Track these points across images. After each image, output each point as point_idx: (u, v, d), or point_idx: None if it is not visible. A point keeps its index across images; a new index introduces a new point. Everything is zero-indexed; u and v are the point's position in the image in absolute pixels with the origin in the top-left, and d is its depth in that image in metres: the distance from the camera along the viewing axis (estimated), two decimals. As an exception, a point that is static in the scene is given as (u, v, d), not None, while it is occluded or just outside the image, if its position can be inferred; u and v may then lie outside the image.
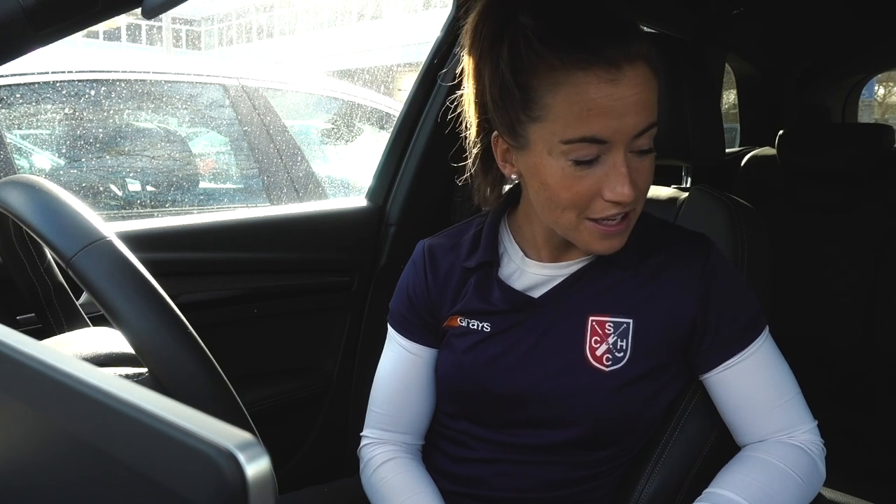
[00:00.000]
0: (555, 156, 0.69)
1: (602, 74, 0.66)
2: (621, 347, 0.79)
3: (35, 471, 0.34)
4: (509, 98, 0.70)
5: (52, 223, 0.62)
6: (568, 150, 0.68)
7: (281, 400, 1.32)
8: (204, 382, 0.60)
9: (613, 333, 0.79)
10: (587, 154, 0.68)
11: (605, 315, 0.80)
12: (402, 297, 0.89)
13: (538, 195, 0.74)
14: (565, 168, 0.69)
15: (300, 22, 22.04)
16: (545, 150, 0.70)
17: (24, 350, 0.32)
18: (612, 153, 0.69)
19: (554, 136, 0.68)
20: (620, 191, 0.69)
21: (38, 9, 0.61)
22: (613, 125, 0.67)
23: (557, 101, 0.67)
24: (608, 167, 0.69)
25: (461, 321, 0.84)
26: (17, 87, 1.65)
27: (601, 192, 0.70)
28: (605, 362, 0.78)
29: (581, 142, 0.67)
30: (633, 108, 0.67)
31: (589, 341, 0.79)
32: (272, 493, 0.25)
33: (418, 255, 0.90)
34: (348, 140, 2.70)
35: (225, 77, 2.11)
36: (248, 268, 1.28)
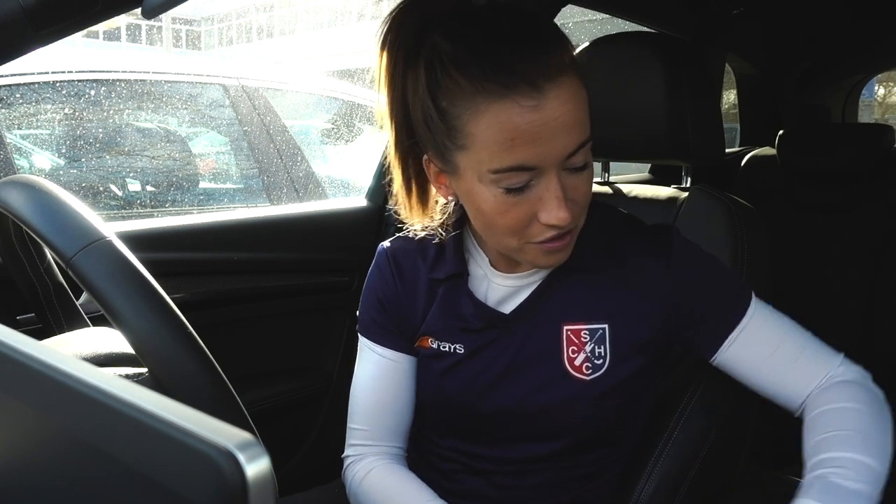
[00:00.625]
0: (485, 183, 0.66)
1: (523, 101, 0.62)
2: (600, 354, 0.77)
3: (35, 471, 0.34)
4: (432, 123, 0.67)
5: (52, 223, 0.62)
6: (497, 178, 0.65)
7: (281, 400, 1.32)
8: (204, 382, 0.60)
9: (590, 341, 0.77)
10: (518, 182, 0.65)
11: (580, 322, 0.78)
12: (372, 302, 0.85)
13: (476, 220, 0.72)
14: (497, 196, 0.66)
15: (300, 22, 22.03)
16: (475, 177, 0.67)
17: (24, 350, 0.32)
18: (544, 177, 0.66)
19: (482, 165, 0.65)
20: (556, 214, 0.66)
21: (38, 9, 0.61)
22: (542, 152, 0.64)
23: (480, 130, 0.64)
24: (542, 191, 0.66)
25: (432, 343, 0.82)
26: (17, 87, 1.65)
27: (537, 216, 0.67)
28: (586, 371, 0.77)
29: (510, 171, 0.64)
30: (560, 131, 0.63)
31: (566, 351, 0.77)
32: (272, 493, 0.25)
33: (382, 260, 0.86)
34: (348, 140, 2.70)
35: (225, 77, 2.11)
36: (248, 268, 1.28)
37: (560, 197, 0.66)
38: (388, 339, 0.84)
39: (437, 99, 0.66)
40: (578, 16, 2.35)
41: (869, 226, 1.79)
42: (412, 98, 0.68)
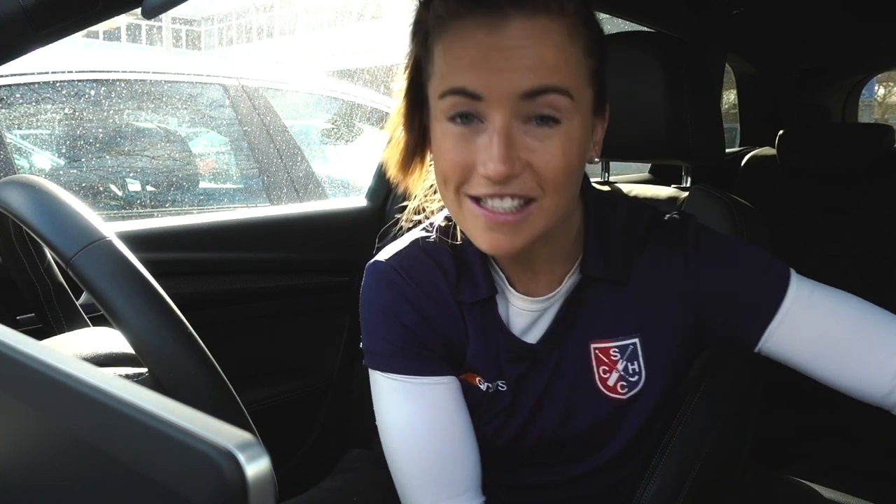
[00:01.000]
0: (438, 117, 0.61)
1: (480, 20, 0.57)
2: (634, 371, 0.71)
3: (35, 471, 0.34)
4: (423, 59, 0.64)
5: (52, 223, 0.62)
6: (443, 106, 0.60)
7: (281, 400, 1.32)
8: (204, 382, 0.60)
9: (622, 358, 0.70)
10: (460, 107, 0.59)
11: (607, 339, 0.70)
12: (393, 328, 0.70)
13: (437, 169, 0.65)
14: (445, 130, 0.60)
15: (300, 22, 22.03)
16: (434, 112, 0.62)
17: (24, 350, 0.32)
18: (489, 116, 0.58)
19: (434, 91, 0.61)
20: (491, 165, 0.57)
21: (38, 9, 0.61)
22: (487, 78, 0.57)
23: (438, 52, 0.60)
24: (486, 134, 0.59)
25: (481, 383, 0.72)
26: (17, 87, 1.65)
27: (476, 163, 0.59)
28: (621, 390, 0.71)
29: (452, 94, 0.59)
30: (515, 62, 0.56)
31: (597, 371, 0.71)
32: (272, 493, 0.25)
33: (392, 276, 0.72)
34: (348, 140, 2.70)
35: (225, 77, 2.11)
36: (248, 268, 1.28)
37: (501, 143, 0.57)
38: (425, 364, 0.70)
39: (427, 32, 0.63)
40: (578, 16, 2.35)
41: (869, 226, 1.79)
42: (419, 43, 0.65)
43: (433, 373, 0.70)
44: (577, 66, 0.60)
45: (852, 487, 1.22)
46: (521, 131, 0.58)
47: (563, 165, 0.59)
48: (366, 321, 0.73)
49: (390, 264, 0.73)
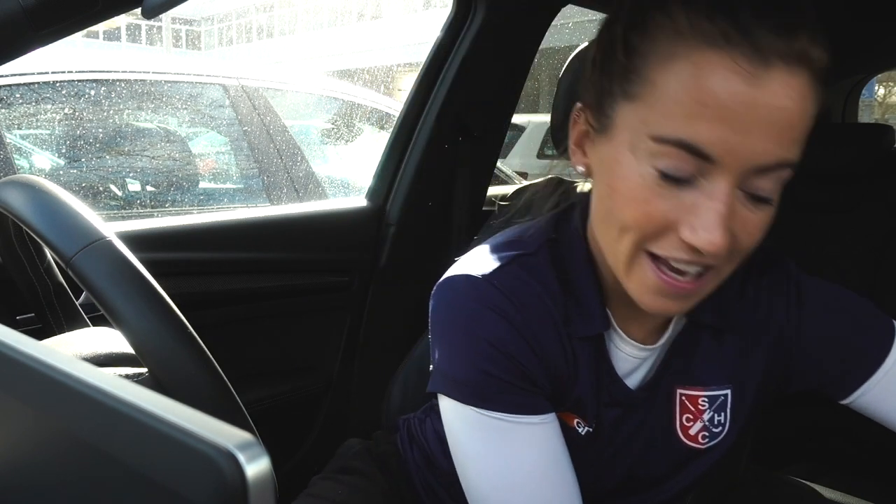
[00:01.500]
0: (638, 155, 0.51)
1: (741, 61, 0.47)
2: (719, 422, 0.66)
3: (35, 471, 0.34)
4: (610, 58, 0.54)
5: (52, 223, 0.62)
6: (657, 151, 0.50)
7: (281, 400, 1.32)
8: (204, 382, 0.60)
9: (709, 408, 0.65)
10: (680, 167, 0.49)
11: (698, 388, 0.65)
12: (498, 359, 0.59)
13: (601, 203, 0.57)
14: (646, 176, 0.51)
15: (300, 22, 22.03)
16: (628, 143, 0.52)
17: (24, 350, 0.32)
18: (714, 179, 0.49)
19: (644, 127, 0.50)
20: (704, 235, 0.49)
21: (38, 9, 0.61)
22: (730, 139, 0.48)
23: (667, 79, 0.49)
24: (702, 196, 0.50)
25: (578, 424, 0.66)
26: (17, 87, 1.65)
27: (678, 224, 0.51)
28: (702, 440, 0.67)
29: (677, 146, 0.49)
30: (767, 127, 0.48)
31: (678, 418, 0.66)
32: (272, 493, 0.25)
33: (497, 299, 0.60)
34: (348, 140, 2.70)
35: (225, 77, 2.11)
36: (248, 268, 1.28)
37: (722, 214, 0.49)
38: (532, 401, 0.61)
39: (634, 29, 0.52)
40: (578, 16, 2.35)
41: (869, 226, 1.79)
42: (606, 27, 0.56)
43: (539, 410, 0.60)
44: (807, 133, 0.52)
45: (852, 487, 1.22)
46: (739, 202, 0.51)
47: (757, 241, 0.55)
48: (455, 347, 0.61)
49: (492, 283, 0.60)
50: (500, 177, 2.64)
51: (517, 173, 3.60)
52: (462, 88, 1.32)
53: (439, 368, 0.62)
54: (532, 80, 2.74)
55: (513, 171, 3.29)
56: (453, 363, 0.61)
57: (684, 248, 0.51)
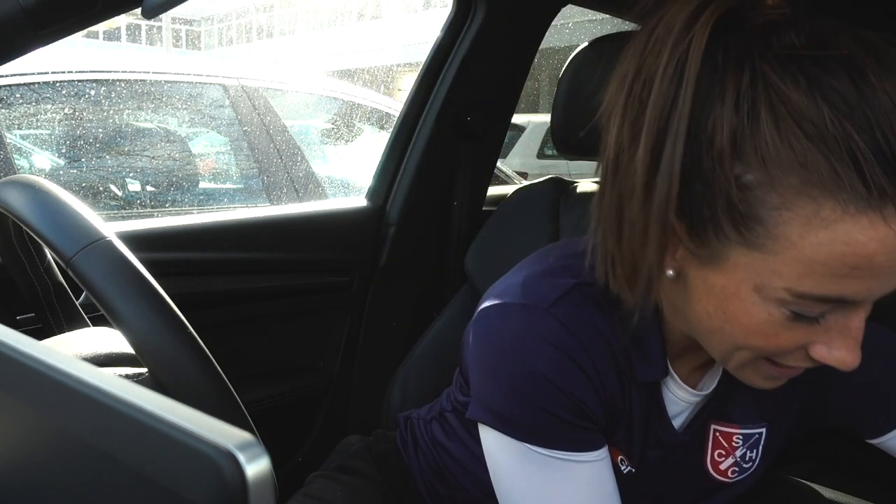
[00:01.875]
0: (764, 298, 0.47)
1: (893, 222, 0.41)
2: (750, 458, 0.65)
3: (35, 471, 0.34)
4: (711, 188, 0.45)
5: (52, 223, 0.62)
6: (792, 302, 0.46)
7: (281, 400, 1.32)
8: (204, 382, 0.60)
9: (742, 445, 0.64)
10: (817, 311, 0.47)
11: (733, 426, 0.64)
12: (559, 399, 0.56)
13: (708, 319, 0.51)
14: (773, 314, 0.47)
15: (300, 22, 22.04)
16: (752, 284, 0.47)
17: (24, 350, 0.32)
18: (848, 312, 0.48)
19: (778, 279, 0.45)
20: (841, 356, 0.48)
21: (38, 9, 0.61)
22: (878, 288, 0.45)
23: (805, 243, 0.43)
24: (837, 324, 0.48)
25: (622, 463, 0.64)
26: (17, 87, 1.65)
27: (811, 346, 0.49)
28: (731, 475, 0.66)
29: (820, 301, 0.45)
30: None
31: (710, 452, 0.65)
32: (272, 493, 0.25)
33: (562, 337, 0.56)
34: (348, 140, 2.70)
35: (225, 77, 2.11)
36: (248, 268, 1.28)
37: (859, 340, 0.48)
38: (589, 438, 0.59)
39: (744, 159, 0.44)
40: (578, 16, 2.35)
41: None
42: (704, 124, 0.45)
43: (595, 446, 0.58)
44: None
45: (852, 487, 1.22)
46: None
47: None
48: (507, 381, 0.57)
49: (552, 314, 0.56)
50: (500, 177, 2.64)
51: (517, 173, 3.60)
52: (462, 88, 1.32)
53: (485, 400, 0.59)
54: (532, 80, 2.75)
55: (513, 171, 3.29)
56: (504, 398, 0.57)
57: (811, 360, 0.50)
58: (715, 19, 0.45)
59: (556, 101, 1.11)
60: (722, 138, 0.44)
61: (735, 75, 0.44)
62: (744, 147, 0.44)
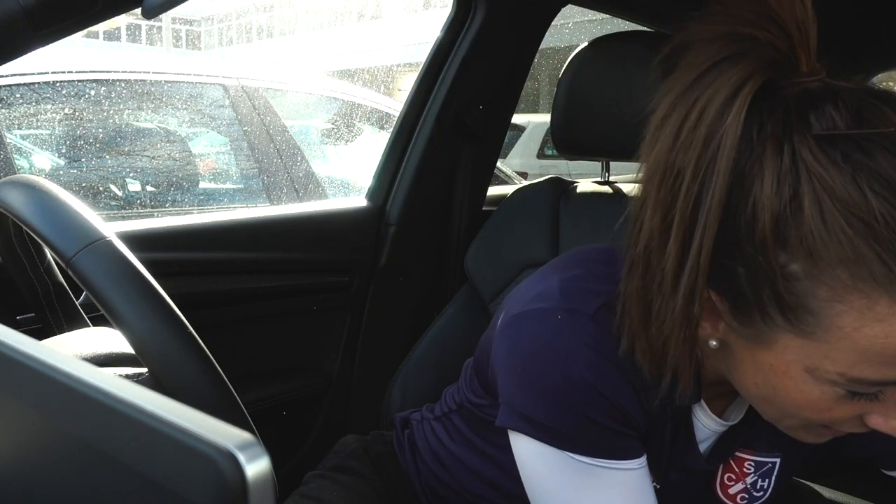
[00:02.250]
0: (817, 377, 0.46)
1: None
2: (761, 487, 0.64)
3: (35, 471, 0.34)
4: (757, 274, 0.44)
5: (52, 223, 0.62)
6: (845, 384, 0.45)
7: (281, 400, 1.32)
8: (204, 383, 0.60)
9: (754, 472, 0.64)
10: (872, 390, 0.46)
11: (748, 451, 0.63)
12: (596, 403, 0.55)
13: (756, 389, 0.50)
14: (826, 392, 0.46)
15: (300, 22, 22.04)
16: (802, 366, 0.46)
17: (24, 350, 0.32)
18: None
19: (831, 365, 0.44)
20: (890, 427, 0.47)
21: (38, 8, 0.61)
22: None
23: (859, 335, 0.42)
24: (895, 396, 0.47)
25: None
26: (16, 87, 1.65)
27: (867, 416, 0.48)
28: (740, 501, 0.65)
29: (876, 385, 0.45)
30: None
31: (720, 477, 0.64)
32: (272, 493, 0.25)
33: (600, 339, 0.55)
34: (348, 140, 2.70)
35: (225, 77, 2.11)
36: (249, 268, 1.28)
37: None
38: (630, 445, 0.57)
39: (789, 249, 0.42)
40: (578, 16, 2.35)
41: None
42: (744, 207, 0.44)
43: (635, 454, 0.57)
44: None
45: (852, 487, 1.23)
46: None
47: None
48: (545, 388, 0.55)
49: (602, 325, 0.55)
50: (500, 177, 2.64)
51: (517, 173, 3.60)
52: (462, 88, 1.32)
53: (520, 408, 0.57)
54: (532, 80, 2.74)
55: (513, 171, 3.29)
56: (544, 406, 0.56)
57: (866, 427, 0.49)
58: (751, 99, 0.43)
59: (556, 102, 1.11)
60: (764, 226, 0.42)
61: (774, 156, 0.42)
62: (788, 235, 0.42)
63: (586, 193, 1.14)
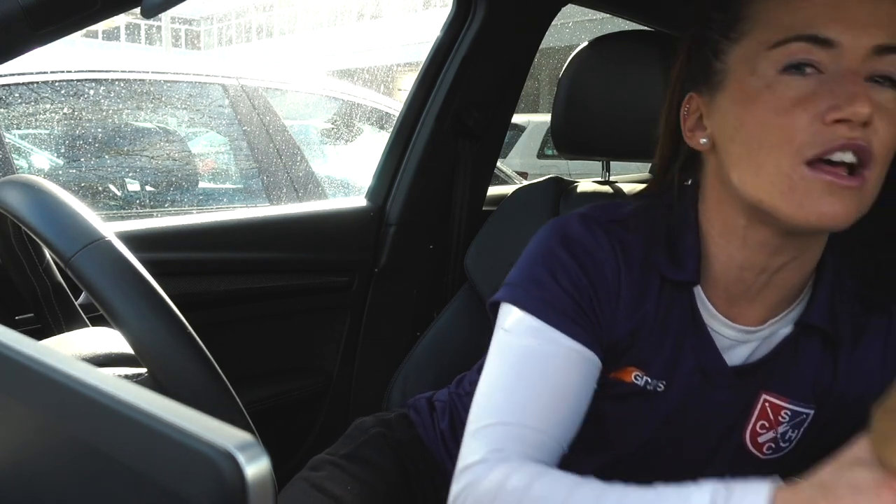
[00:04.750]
0: (759, 72, 0.55)
1: None
2: (789, 438, 0.64)
3: (35, 471, 0.33)
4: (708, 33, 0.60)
5: (52, 223, 0.62)
6: (774, 56, 0.54)
7: (281, 400, 1.32)
8: (203, 383, 0.60)
9: (787, 422, 0.63)
10: (801, 56, 0.53)
11: (784, 398, 0.63)
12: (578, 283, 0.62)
13: (740, 146, 0.56)
14: (773, 84, 0.54)
15: (300, 22, 22.04)
16: (747, 70, 0.56)
17: (24, 350, 0.32)
18: (838, 66, 0.53)
19: (760, 46, 0.55)
20: (848, 106, 0.50)
21: (37, 8, 0.61)
22: (842, 26, 0.52)
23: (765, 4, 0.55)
24: (835, 82, 0.52)
25: (637, 377, 0.64)
26: (15, 86, 1.65)
27: (822, 113, 0.52)
28: (766, 451, 0.65)
29: (795, 41, 0.53)
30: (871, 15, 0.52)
31: (753, 423, 0.64)
32: (272, 493, 0.25)
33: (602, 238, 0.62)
34: (348, 140, 2.70)
35: (225, 77, 2.11)
36: (248, 268, 1.28)
37: (860, 82, 0.52)
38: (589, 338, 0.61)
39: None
40: (578, 16, 2.35)
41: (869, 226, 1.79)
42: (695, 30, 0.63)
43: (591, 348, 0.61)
44: None
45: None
46: (867, 88, 0.53)
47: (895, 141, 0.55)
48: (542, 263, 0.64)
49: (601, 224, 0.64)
50: (500, 177, 2.64)
51: (517, 173, 3.60)
52: (462, 88, 1.32)
53: (511, 282, 0.65)
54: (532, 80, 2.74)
55: (513, 171, 3.29)
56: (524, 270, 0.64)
57: (837, 127, 0.52)
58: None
59: (556, 102, 1.11)
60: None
61: None
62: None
63: (586, 193, 1.14)
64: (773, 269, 0.61)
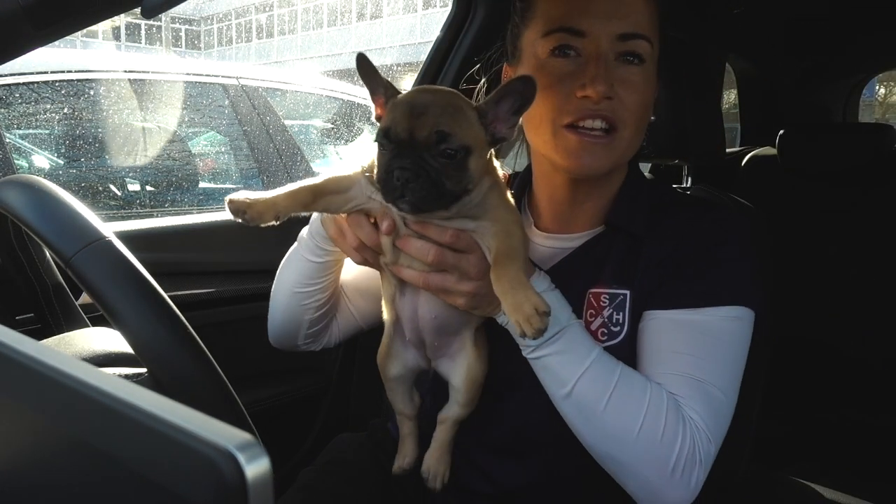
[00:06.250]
0: (537, 54, 0.74)
1: None
2: (617, 321, 0.75)
3: (35, 471, 0.33)
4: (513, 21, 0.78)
5: (52, 223, 0.62)
6: (546, 43, 0.73)
7: (281, 400, 1.32)
8: (203, 382, 0.60)
9: (609, 306, 0.75)
10: (563, 41, 0.72)
11: (602, 286, 0.76)
12: None
13: (528, 116, 0.72)
14: (545, 64, 0.73)
15: (300, 22, 22.04)
16: (531, 52, 0.75)
17: (24, 350, 0.32)
18: (590, 50, 0.72)
19: (538, 33, 0.74)
20: (589, 89, 0.70)
21: (38, 8, 0.61)
22: (591, 20, 0.71)
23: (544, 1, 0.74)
24: (588, 62, 0.71)
25: None
26: (15, 86, 1.65)
27: (574, 90, 0.71)
28: (601, 337, 0.75)
29: (559, 31, 0.72)
30: (614, 9, 0.71)
31: (584, 315, 0.76)
32: (272, 493, 0.25)
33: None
34: (348, 140, 2.70)
35: (225, 77, 2.11)
36: (248, 268, 1.28)
37: (601, 66, 0.70)
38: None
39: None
40: (578, 15, 2.35)
41: (869, 225, 1.79)
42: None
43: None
44: (656, 21, 0.75)
45: (852, 487, 1.22)
46: (613, 65, 0.72)
47: (642, 101, 0.74)
48: None
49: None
50: (499, 177, 2.64)
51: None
52: (462, 88, 1.32)
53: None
54: (532, 80, 2.71)
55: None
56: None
57: (582, 101, 0.71)
58: None
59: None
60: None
61: None
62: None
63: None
64: (579, 202, 0.80)
